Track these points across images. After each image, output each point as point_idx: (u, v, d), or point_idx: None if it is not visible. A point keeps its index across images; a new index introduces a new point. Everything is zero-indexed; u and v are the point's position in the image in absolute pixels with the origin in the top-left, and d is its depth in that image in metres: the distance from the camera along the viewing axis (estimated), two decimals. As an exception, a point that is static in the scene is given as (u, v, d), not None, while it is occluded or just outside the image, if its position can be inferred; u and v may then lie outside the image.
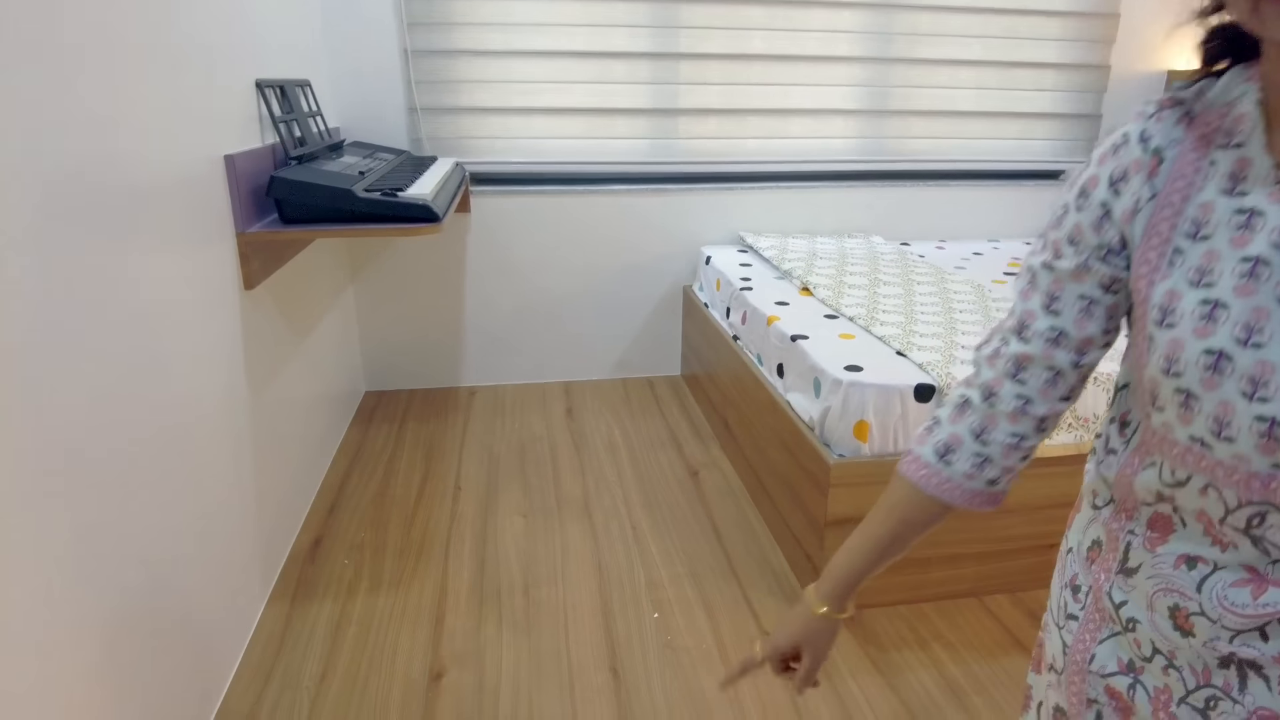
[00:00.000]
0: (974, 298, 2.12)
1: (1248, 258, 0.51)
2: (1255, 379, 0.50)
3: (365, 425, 2.48)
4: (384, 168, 2.01)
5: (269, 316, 1.75)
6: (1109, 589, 0.66)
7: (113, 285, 1.08)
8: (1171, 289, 0.55)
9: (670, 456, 2.29)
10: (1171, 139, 0.56)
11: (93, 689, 0.99)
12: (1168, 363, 0.54)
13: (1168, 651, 0.61)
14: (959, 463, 0.69)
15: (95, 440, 1.02)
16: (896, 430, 1.57)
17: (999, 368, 0.67)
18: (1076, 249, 0.60)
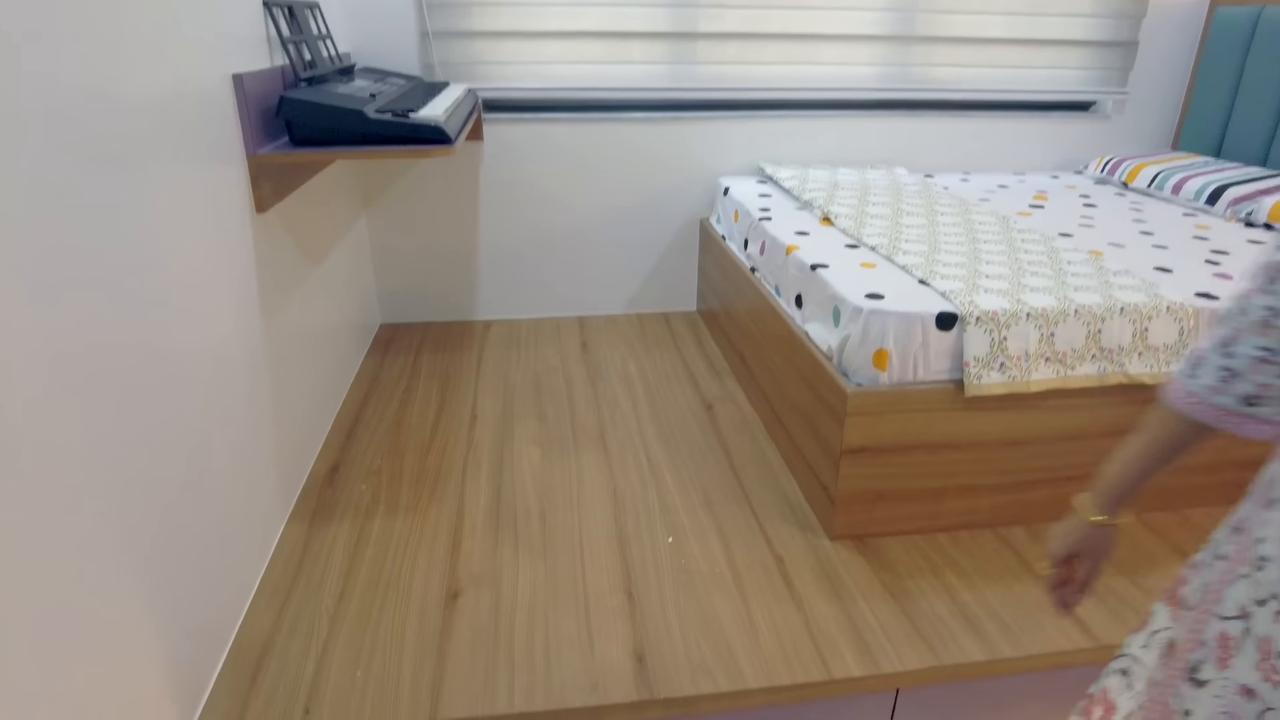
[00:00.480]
0: (998, 229, 2.07)
1: None
2: None
3: (381, 356, 2.48)
4: (395, 91, 1.96)
5: (281, 242, 1.73)
6: (1256, 524, 0.65)
7: (123, 207, 1.07)
8: None
9: (685, 390, 2.28)
10: None
11: (124, 605, 1.01)
12: None
13: None
14: (1204, 375, 0.68)
15: (114, 362, 1.01)
16: (916, 359, 1.54)
17: (1256, 279, 0.65)
18: None
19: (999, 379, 1.55)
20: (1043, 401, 1.61)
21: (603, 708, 1.24)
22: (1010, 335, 1.54)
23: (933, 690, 1.37)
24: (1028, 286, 1.65)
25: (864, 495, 1.61)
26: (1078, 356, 1.59)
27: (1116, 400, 1.64)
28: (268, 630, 1.39)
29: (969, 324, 1.52)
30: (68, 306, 0.93)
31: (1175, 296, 1.63)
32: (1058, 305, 1.56)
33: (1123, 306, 1.59)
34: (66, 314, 0.93)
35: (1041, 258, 1.85)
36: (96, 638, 0.96)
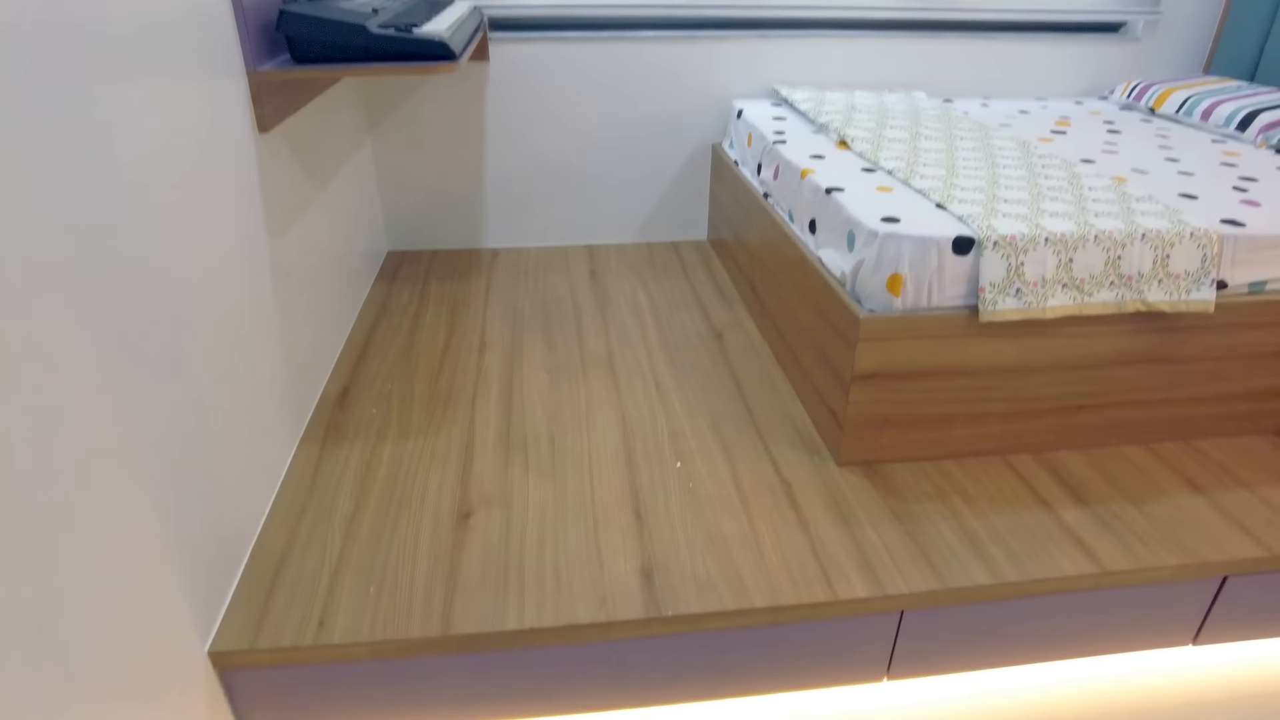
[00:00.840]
0: (1019, 154, 2.01)
1: None
2: None
3: (389, 283, 2.47)
4: (398, 6, 1.90)
5: (285, 163, 1.70)
6: None
7: (121, 126, 1.04)
8: None
9: (694, 318, 2.27)
10: None
11: (144, 524, 1.02)
12: None
13: None
14: None
15: (125, 283, 1.00)
16: (931, 284, 1.52)
17: None
18: None
19: (1014, 305, 1.53)
20: (1058, 328, 1.59)
21: (611, 624, 1.27)
22: (1028, 260, 1.51)
23: (937, 613, 1.39)
24: (1047, 212, 1.61)
25: (873, 421, 1.61)
26: (1095, 283, 1.56)
27: (1133, 328, 1.62)
28: (282, 546, 1.41)
29: (986, 248, 1.49)
30: (70, 227, 0.91)
31: (1199, 223, 1.59)
32: (1077, 230, 1.53)
33: (1144, 232, 1.55)
34: (71, 235, 0.91)
35: (1062, 183, 1.80)
36: (119, 552, 0.97)
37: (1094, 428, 1.71)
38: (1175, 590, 1.47)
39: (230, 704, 1.27)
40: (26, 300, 0.83)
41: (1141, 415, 1.72)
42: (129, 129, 1.06)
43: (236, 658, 1.21)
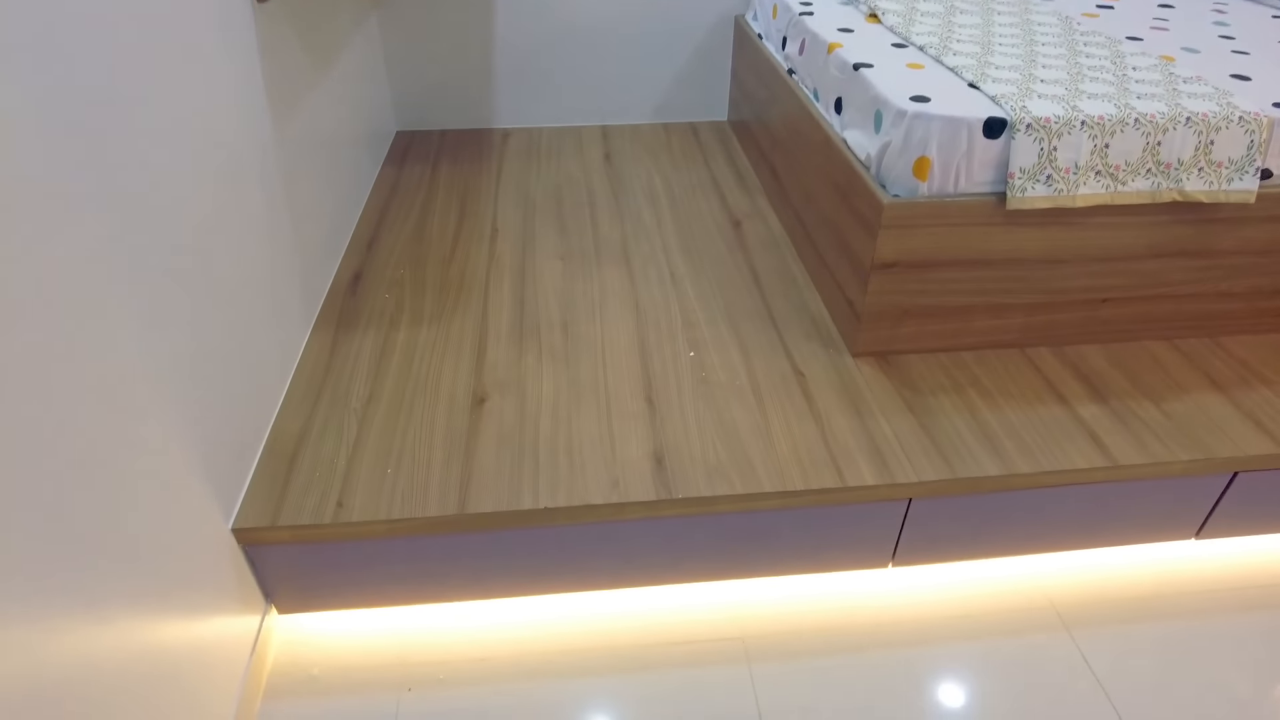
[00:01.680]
0: (1059, 30, 1.89)
1: None
2: None
3: (399, 165, 2.41)
4: None
5: (285, 36, 1.62)
6: None
7: None
8: None
9: (712, 205, 2.21)
10: None
11: (163, 408, 1.03)
12: None
13: None
14: None
15: (125, 167, 0.97)
16: (959, 169, 1.45)
17: None
18: None
19: (1044, 192, 1.47)
20: (1087, 218, 1.53)
21: (623, 505, 1.29)
22: (1061, 145, 1.44)
23: (944, 501, 1.40)
24: (1085, 93, 1.52)
25: (890, 312, 1.58)
26: (1131, 171, 1.49)
27: (1166, 219, 1.55)
28: (299, 430, 1.43)
29: (1018, 131, 1.42)
30: (72, 115, 0.88)
31: (1249, 106, 1.50)
32: (1116, 113, 1.45)
33: (1188, 116, 1.46)
34: (75, 119, 0.87)
35: (1105, 63, 1.69)
36: (144, 433, 0.98)
37: (1118, 321, 1.67)
38: (1184, 484, 1.48)
39: (255, 576, 1.32)
40: (44, 179, 0.81)
41: (1168, 310, 1.68)
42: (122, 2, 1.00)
43: (258, 534, 1.25)
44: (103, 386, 0.92)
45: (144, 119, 1.05)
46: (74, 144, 0.90)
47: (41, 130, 0.84)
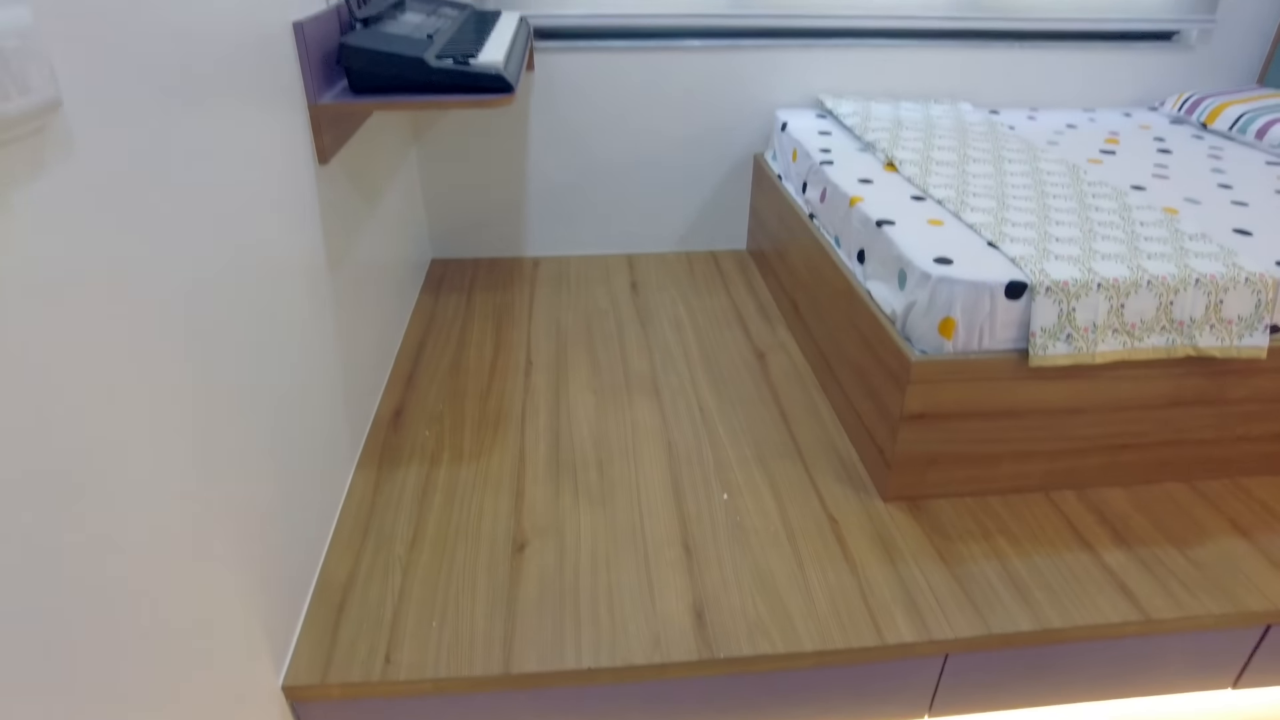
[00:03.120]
0: (1068, 180, 2.00)
1: None
2: None
3: (435, 293, 2.51)
4: (450, 28, 1.91)
5: (342, 189, 1.73)
6: None
7: (194, 162, 1.07)
8: None
9: (736, 336, 2.29)
10: None
11: (221, 552, 1.07)
12: None
13: None
14: None
15: (194, 309, 1.04)
16: (983, 328, 1.53)
17: None
18: None
19: (1064, 350, 1.54)
20: (1106, 371, 1.59)
21: (666, 665, 1.31)
22: (1079, 306, 1.51)
23: (980, 655, 1.42)
24: (1099, 253, 1.61)
25: (919, 459, 1.63)
26: (1146, 328, 1.56)
27: (1181, 371, 1.62)
28: (346, 575, 1.46)
29: (1038, 294, 1.50)
30: (145, 264, 0.95)
31: (1254, 266, 1.58)
32: (1130, 275, 1.53)
33: (1198, 278, 1.54)
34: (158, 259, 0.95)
35: (1114, 217, 1.79)
36: (194, 589, 1.02)
37: (1138, 466, 1.72)
38: (1217, 636, 1.49)
39: (300, 730, 1.34)
40: (120, 311, 0.87)
41: (1187, 454, 1.72)
42: (204, 161, 1.09)
43: (309, 691, 1.27)
44: (154, 537, 0.97)
45: (221, 263, 1.12)
46: (154, 278, 0.97)
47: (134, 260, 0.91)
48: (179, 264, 0.99)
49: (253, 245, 1.22)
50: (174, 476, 0.96)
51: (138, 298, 0.89)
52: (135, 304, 0.89)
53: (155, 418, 0.92)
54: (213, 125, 1.10)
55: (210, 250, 1.08)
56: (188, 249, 1.01)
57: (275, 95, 1.36)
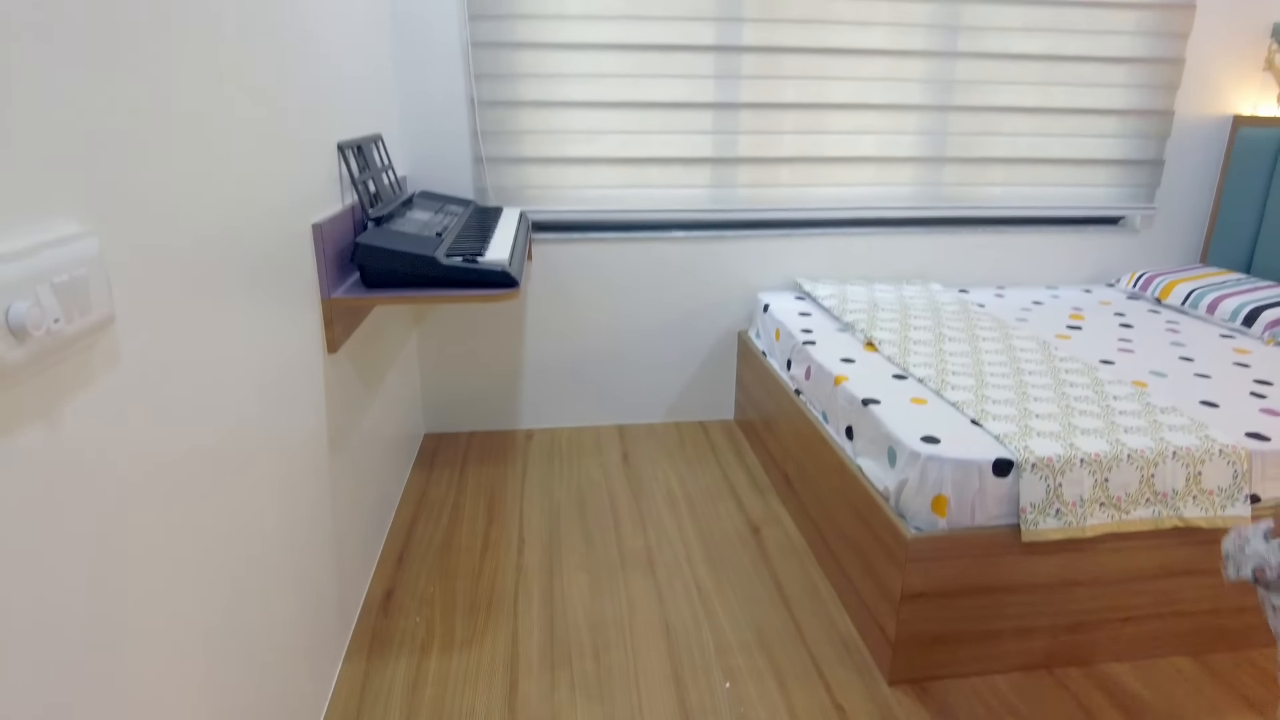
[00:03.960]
0: (1040, 356, 2.10)
1: None
2: None
3: (427, 469, 2.52)
4: (457, 225, 2.05)
5: (348, 376, 1.79)
6: None
7: (217, 355, 1.12)
8: None
9: (729, 509, 2.30)
10: None
11: (206, 772, 1.02)
12: None
13: None
14: None
15: (200, 502, 1.05)
16: (974, 505, 1.56)
17: None
18: None
19: (1055, 524, 1.57)
20: (1098, 545, 1.62)
21: None
22: (1065, 481, 1.56)
23: None
24: (1078, 428, 1.67)
25: (922, 639, 1.61)
26: (1132, 501, 1.60)
27: (1172, 543, 1.64)
28: (331, 781, 1.38)
29: (1025, 470, 1.54)
30: (161, 444, 0.97)
31: (1226, 439, 1.65)
32: (1110, 450, 1.58)
33: (1175, 450, 1.60)
34: (162, 459, 0.97)
35: (1087, 392, 1.87)
36: (188, 820, 0.97)
37: (1141, 639, 1.70)
38: (1248, 829, 1.42)
39: None
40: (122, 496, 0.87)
41: (1188, 626, 1.71)
42: (226, 354, 1.13)
43: None
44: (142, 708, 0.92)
45: (222, 457, 1.14)
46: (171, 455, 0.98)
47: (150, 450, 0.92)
48: (192, 452, 1.01)
49: (261, 432, 1.26)
50: (169, 694, 0.94)
51: (150, 490, 0.91)
52: (144, 496, 0.90)
53: (150, 607, 0.91)
54: (236, 320, 1.16)
55: (220, 438, 1.11)
56: (201, 438, 1.04)
57: (293, 292, 1.44)
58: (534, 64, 2.47)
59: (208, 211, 1.08)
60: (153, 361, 0.91)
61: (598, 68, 2.49)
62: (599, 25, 2.46)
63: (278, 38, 1.38)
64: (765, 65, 2.57)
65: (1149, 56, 2.76)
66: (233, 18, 1.18)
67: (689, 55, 2.52)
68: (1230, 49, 2.81)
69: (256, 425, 1.23)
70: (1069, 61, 2.72)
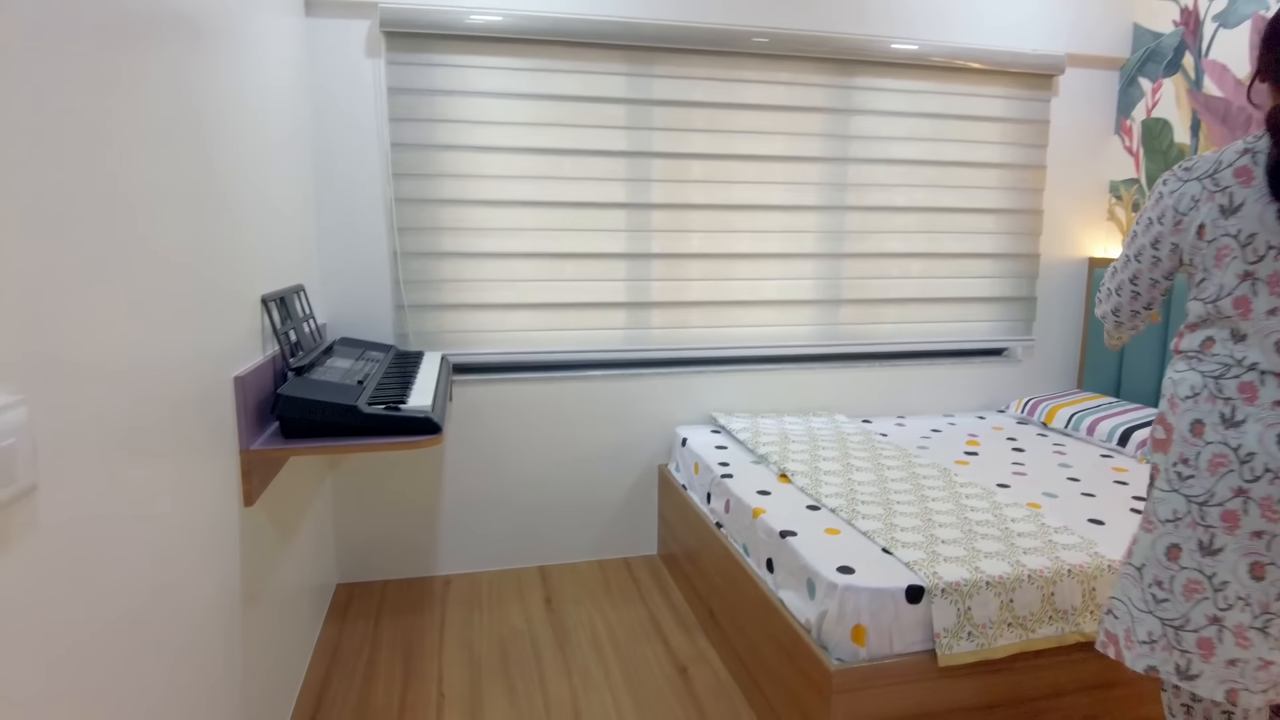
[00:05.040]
0: (942, 482, 2.23)
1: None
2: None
3: (340, 623, 2.41)
4: (378, 371, 2.07)
5: (263, 528, 1.75)
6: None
7: (133, 509, 1.10)
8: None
9: (656, 650, 2.27)
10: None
11: None
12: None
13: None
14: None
15: (96, 656, 1.00)
16: (891, 632, 1.61)
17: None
18: None
19: (969, 647, 1.63)
20: (1011, 665, 1.68)
21: None
22: (974, 604, 1.63)
23: None
24: (981, 552, 1.77)
25: (853, 774, 1.61)
26: (1036, 620, 1.68)
27: (1078, 657, 1.72)
28: None
29: (935, 596, 1.61)
30: (60, 593, 0.93)
31: (1114, 554, 1.77)
32: (1012, 571, 1.68)
33: (1069, 569, 1.71)
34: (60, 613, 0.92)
35: (988, 515, 1.99)
36: None
37: (1062, 761, 1.74)
38: None
39: None
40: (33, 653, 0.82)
41: (1103, 744, 1.77)
42: (141, 508, 1.11)
43: None
44: None
45: (128, 609, 1.09)
46: (70, 625, 0.92)
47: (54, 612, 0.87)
48: (98, 608, 0.98)
49: (175, 591, 1.21)
50: None
51: (54, 642, 0.87)
52: (47, 648, 0.86)
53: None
54: (156, 477, 1.15)
55: (135, 600, 1.07)
56: (114, 601, 1.01)
57: (211, 444, 1.42)
58: (455, 218, 2.59)
59: (131, 371, 1.09)
60: (71, 525, 0.90)
61: (517, 222, 2.63)
62: (516, 184, 2.62)
63: (201, 203, 1.44)
64: (673, 220, 2.77)
65: (1014, 208, 3.11)
66: (156, 185, 1.24)
67: (602, 211, 2.70)
68: (1077, 202, 3.19)
69: (171, 585, 1.19)
70: (948, 212, 3.03)
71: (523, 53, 2.58)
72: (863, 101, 2.89)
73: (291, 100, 2.20)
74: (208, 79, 1.48)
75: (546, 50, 2.59)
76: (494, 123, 2.59)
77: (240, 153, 1.67)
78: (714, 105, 2.76)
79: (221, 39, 1.57)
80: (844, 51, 2.78)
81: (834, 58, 2.81)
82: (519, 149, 2.62)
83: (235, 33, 1.66)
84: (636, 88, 2.69)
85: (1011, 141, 3.07)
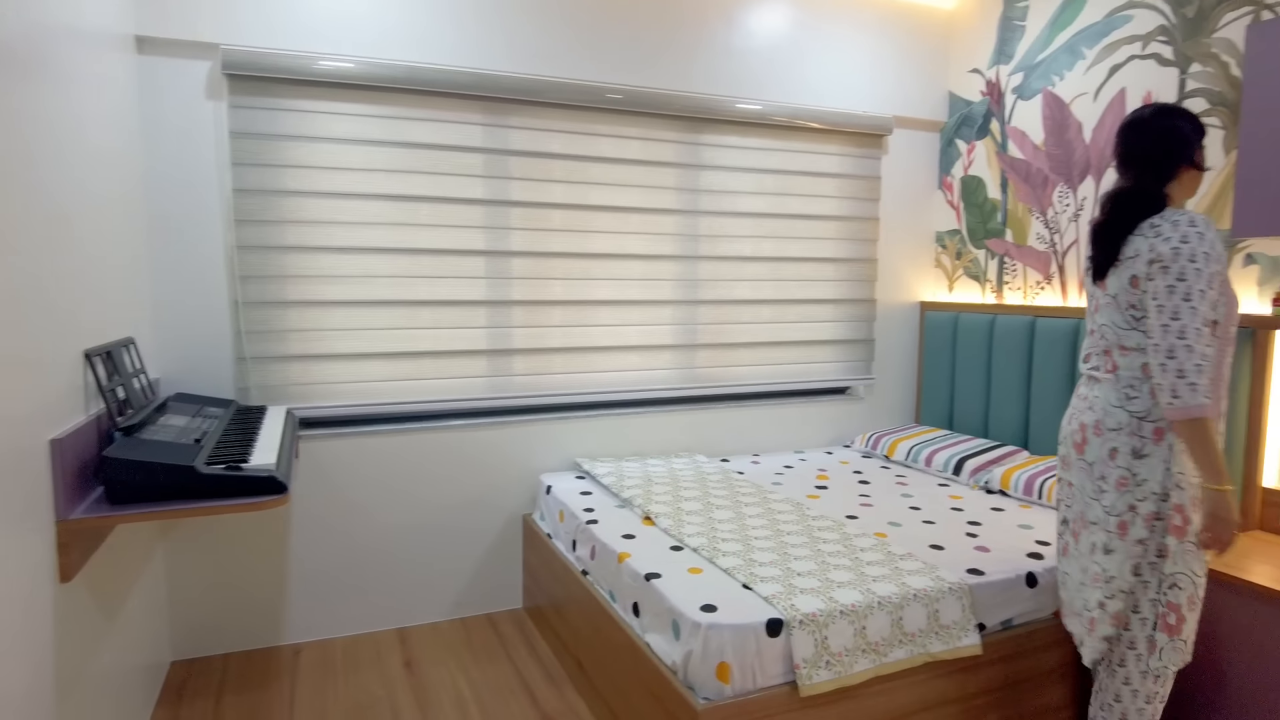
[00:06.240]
0: (796, 516, 2.32)
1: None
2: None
3: (174, 706, 2.20)
4: (218, 428, 1.95)
5: (83, 606, 1.58)
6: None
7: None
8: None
9: (523, 707, 2.21)
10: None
11: None
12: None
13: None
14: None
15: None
16: (754, 668, 1.65)
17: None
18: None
19: (827, 676, 1.69)
20: (867, 690, 1.76)
21: None
22: (830, 633, 1.70)
23: None
24: (834, 582, 1.86)
25: (723, 813, 1.62)
26: (888, 644, 1.78)
27: (926, 678, 1.83)
28: None
29: (794, 628, 1.67)
30: None
31: (953, 577, 1.90)
32: (863, 599, 1.77)
33: (915, 593, 1.82)
34: None
35: (838, 546, 2.09)
36: None
37: (915, 779, 1.83)
38: None
39: None
40: None
41: (951, 758, 1.87)
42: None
43: None
44: None
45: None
46: None
47: None
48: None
49: (-28, 694, 1.07)
50: None
51: None
52: None
53: None
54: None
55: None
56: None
57: (21, 515, 1.28)
58: (302, 265, 2.49)
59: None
60: None
61: (369, 269, 2.57)
62: (369, 230, 2.56)
63: (12, 250, 1.32)
64: (534, 268, 2.78)
65: (852, 257, 3.34)
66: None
67: (461, 258, 2.68)
68: (908, 251, 3.47)
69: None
70: (792, 261, 3.22)
71: (376, 100, 2.54)
72: (711, 157, 3.04)
73: (123, 142, 2.06)
74: (19, 114, 1.36)
75: (401, 98, 2.57)
76: (345, 169, 2.52)
77: (60, 195, 1.55)
78: (571, 157, 2.82)
79: (35, 73, 1.46)
80: (693, 110, 2.93)
81: (684, 115, 2.95)
82: (372, 195, 2.56)
83: (53, 68, 1.55)
84: (494, 138, 2.71)
85: (848, 195, 3.31)
